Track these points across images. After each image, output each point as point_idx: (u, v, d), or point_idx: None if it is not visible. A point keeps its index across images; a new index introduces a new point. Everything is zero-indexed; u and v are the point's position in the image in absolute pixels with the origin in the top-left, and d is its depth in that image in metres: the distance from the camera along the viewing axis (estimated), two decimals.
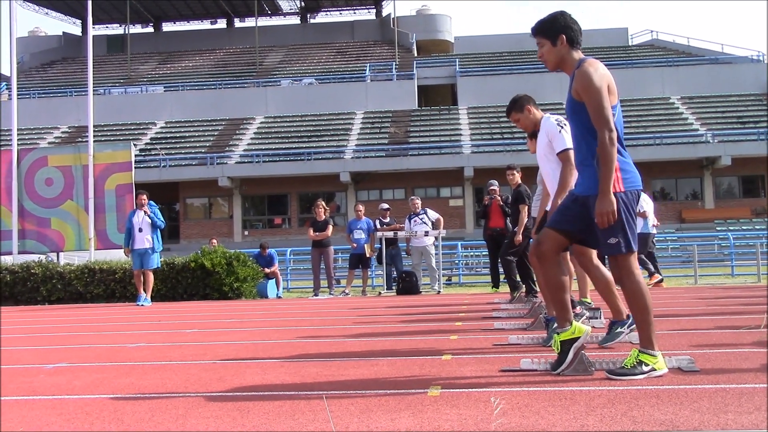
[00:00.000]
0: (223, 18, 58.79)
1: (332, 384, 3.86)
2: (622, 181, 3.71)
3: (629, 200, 3.72)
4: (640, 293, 3.74)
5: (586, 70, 3.68)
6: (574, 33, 3.83)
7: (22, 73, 49.14)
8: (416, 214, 13.85)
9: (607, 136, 3.58)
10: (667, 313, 7.40)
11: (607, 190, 3.60)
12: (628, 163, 3.76)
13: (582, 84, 3.67)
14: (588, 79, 3.65)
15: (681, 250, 26.48)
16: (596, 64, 3.73)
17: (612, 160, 3.59)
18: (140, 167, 32.06)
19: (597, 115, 3.63)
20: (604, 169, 3.60)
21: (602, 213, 3.61)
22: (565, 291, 3.94)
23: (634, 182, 3.76)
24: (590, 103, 3.65)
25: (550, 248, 3.85)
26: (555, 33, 3.83)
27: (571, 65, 3.83)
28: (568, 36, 3.82)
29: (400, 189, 37.83)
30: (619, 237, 3.69)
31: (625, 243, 3.69)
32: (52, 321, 9.56)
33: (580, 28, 3.87)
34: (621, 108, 3.83)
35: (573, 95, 3.75)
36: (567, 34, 3.81)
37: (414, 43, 52.87)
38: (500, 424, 2.79)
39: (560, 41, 3.82)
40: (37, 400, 3.74)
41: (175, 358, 5.25)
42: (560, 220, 3.86)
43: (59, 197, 14.85)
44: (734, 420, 2.75)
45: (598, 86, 3.63)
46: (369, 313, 8.91)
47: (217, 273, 13.10)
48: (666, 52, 48.17)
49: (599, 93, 3.62)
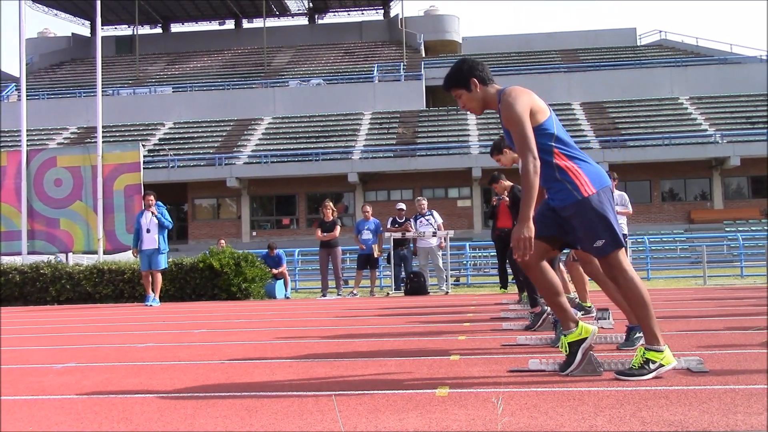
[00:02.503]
0: (232, 19, 58.93)
1: (340, 384, 3.87)
2: (591, 184, 3.75)
3: (604, 198, 3.76)
4: (636, 288, 3.76)
5: (505, 101, 3.76)
6: (482, 72, 3.90)
7: (31, 74, 49.39)
8: (422, 215, 13.87)
9: (531, 164, 3.64)
10: (676, 314, 7.38)
11: (526, 216, 3.64)
12: (587, 164, 3.81)
13: (504, 115, 3.76)
14: (508, 110, 3.72)
15: (690, 250, 26.40)
16: (514, 93, 3.78)
17: (533, 187, 3.63)
18: (149, 168, 32.20)
19: (519, 144, 3.69)
20: (525, 196, 3.65)
21: (517, 239, 3.66)
22: (558, 294, 3.94)
23: (601, 181, 3.80)
24: (513, 133, 3.73)
25: (532, 257, 3.87)
26: (465, 80, 3.89)
27: (493, 101, 3.89)
28: (478, 77, 3.88)
29: (408, 189, 37.82)
30: (604, 237, 3.73)
31: (612, 241, 3.74)
32: (61, 321, 9.60)
33: (484, 66, 3.94)
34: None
35: (505, 126, 3.82)
36: (476, 76, 3.88)
37: (422, 44, 52.88)
38: (509, 425, 2.79)
39: (473, 85, 3.88)
40: (47, 399, 3.76)
41: (184, 358, 5.27)
42: (539, 227, 3.88)
43: (68, 198, 14.91)
44: (743, 421, 2.73)
45: (517, 116, 3.69)
46: (377, 313, 8.91)
47: (226, 273, 13.13)
48: (674, 52, 48.03)
49: (520, 123, 3.68)
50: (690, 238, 27.95)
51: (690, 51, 47.95)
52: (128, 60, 53.93)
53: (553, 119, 3.82)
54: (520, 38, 52.34)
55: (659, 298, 10.07)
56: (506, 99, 3.75)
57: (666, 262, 23.72)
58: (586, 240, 3.78)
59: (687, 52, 47.76)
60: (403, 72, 46.68)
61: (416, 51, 52.25)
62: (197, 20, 59.40)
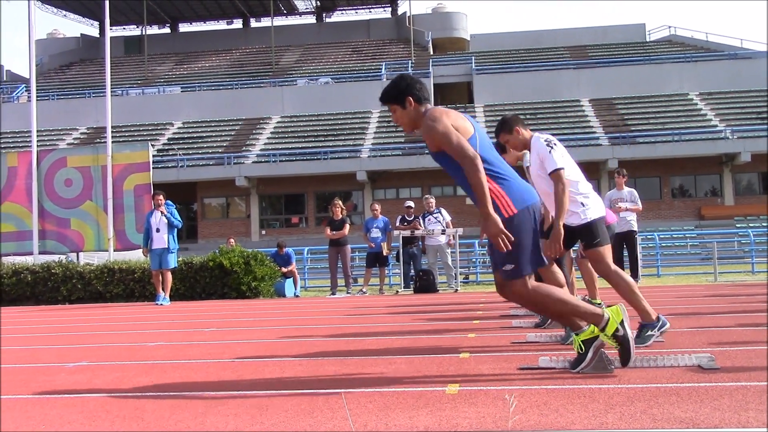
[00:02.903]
0: (239, 18, 58.97)
1: (350, 382, 3.87)
2: (512, 204, 3.72)
3: (525, 219, 3.73)
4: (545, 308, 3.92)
5: (425, 125, 3.76)
6: (419, 91, 3.90)
7: (41, 75, 49.58)
8: (431, 213, 13.86)
9: (470, 166, 3.61)
10: (687, 311, 7.36)
11: (487, 213, 3.61)
12: (509, 182, 3.77)
13: (429, 138, 3.74)
14: (431, 132, 3.71)
15: (700, 247, 26.27)
16: (434, 114, 3.76)
17: (480, 183, 3.62)
18: (158, 167, 32.27)
19: (455, 153, 3.67)
20: (477, 194, 3.63)
21: (492, 235, 3.62)
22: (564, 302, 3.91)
23: (524, 200, 3.76)
24: (447, 149, 3.69)
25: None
26: (402, 97, 3.88)
27: (422, 120, 3.87)
28: (414, 96, 3.88)
29: (416, 187, 37.79)
30: (514, 263, 3.72)
31: (519, 270, 3.73)
32: (72, 320, 9.65)
33: (422, 85, 3.94)
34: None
35: (431, 149, 3.82)
36: (412, 94, 3.88)
37: (430, 41, 52.77)
38: (519, 422, 2.79)
39: (408, 103, 3.88)
40: (59, 398, 3.78)
41: (194, 356, 5.28)
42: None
43: (78, 198, 14.97)
44: (755, 418, 2.72)
45: (442, 131, 3.67)
46: (386, 311, 8.92)
47: (235, 272, 13.16)
48: (684, 47, 47.77)
49: (447, 135, 3.67)
50: (700, 235, 27.82)
51: (700, 46, 47.66)
52: (137, 60, 54.08)
53: (476, 138, 3.78)
54: (528, 35, 52.14)
55: (670, 294, 10.04)
56: (426, 123, 3.74)
57: (676, 258, 23.58)
58: (499, 260, 3.74)
59: (697, 47, 47.48)
60: (411, 70, 46.60)
61: (424, 49, 52.16)
62: (205, 20, 59.47)
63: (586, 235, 4.97)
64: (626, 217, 12.00)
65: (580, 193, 5.00)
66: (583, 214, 4.96)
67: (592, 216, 4.96)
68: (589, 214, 4.96)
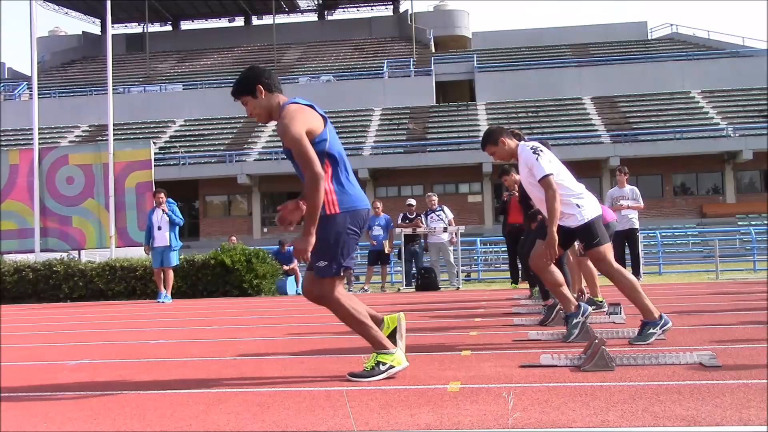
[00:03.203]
0: (241, 16, 59.00)
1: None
2: (337, 204, 3.75)
3: (347, 222, 3.76)
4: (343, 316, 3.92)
5: (280, 122, 3.74)
6: (269, 80, 3.89)
7: (42, 72, 49.60)
8: (433, 211, 13.85)
9: (311, 182, 3.60)
10: (688, 308, 7.35)
11: (309, 231, 3.62)
12: (343, 186, 3.80)
13: (282, 137, 3.74)
14: (284, 131, 3.69)
15: (702, 245, 26.24)
16: (289, 111, 3.74)
17: (315, 199, 3.61)
18: (160, 165, 32.25)
19: (300, 162, 3.67)
20: (308, 209, 3.63)
21: (298, 249, 3.65)
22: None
23: (352, 203, 3.79)
24: (294, 153, 3.69)
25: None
26: (251, 87, 3.87)
27: (277, 112, 3.87)
28: (264, 84, 3.87)
29: (418, 185, 37.76)
30: (326, 259, 3.75)
31: (330, 268, 3.76)
32: (74, 318, 9.66)
33: (272, 74, 3.93)
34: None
35: (283, 145, 3.81)
36: (261, 82, 3.87)
37: (432, 39, 52.74)
38: (521, 420, 2.79)
39: (259, 92, 3.87)
40: (61, 396, 3.78)
41: (196, 354, 5.29)
42: None
43: (80, 195, 14.99)
44: (756, 416, 2.72)
45: (294, 136, 3.65)
46: (388, 309, 8.91)
47: (237, 270, 13.17)
48: (686, 45, 47.71)
49: (297, 142, 3.65)
50: (702, 233, 27.78)
51: (701, 44, 47.59)
52: (139, 58, 54.09)
53: (327, 131, 3.80)
54: (530, 33, 52.07)
55: (671, 292, 10.03)
56: (282, 121, 3.72)
57: (678, 256, 23.57)
58: (314, 255, 3.74)
59: (698, 45, 47.42)
60: (413, 68, 46.60)
61: (426, 46, 52.13)
62: (207, 18, 59.49)
63: (585, 236, 4.98)
64: (628, 215, 11.99)
65: (574, 194, 5.02)
66: (579, 215, 4.97)
67: (588, 216, 4.98)
68: (586, 214, 4.98)
